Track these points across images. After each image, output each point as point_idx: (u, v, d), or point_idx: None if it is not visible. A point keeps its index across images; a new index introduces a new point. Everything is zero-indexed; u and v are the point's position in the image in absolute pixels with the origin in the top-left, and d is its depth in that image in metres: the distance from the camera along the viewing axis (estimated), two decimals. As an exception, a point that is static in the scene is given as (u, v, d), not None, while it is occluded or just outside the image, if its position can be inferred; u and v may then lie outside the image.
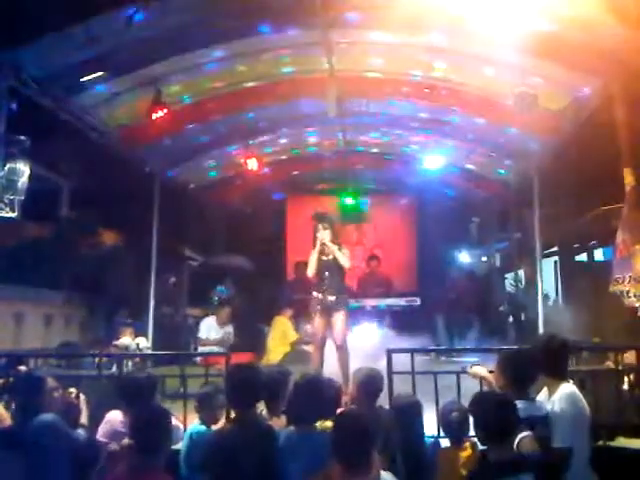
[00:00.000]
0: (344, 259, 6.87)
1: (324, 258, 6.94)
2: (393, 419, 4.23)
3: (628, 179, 6.61)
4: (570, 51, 6.22)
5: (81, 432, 4.54)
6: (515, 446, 3.51)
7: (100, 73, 6.44)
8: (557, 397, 3.92)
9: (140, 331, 8.88)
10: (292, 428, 3.98)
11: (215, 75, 7.57)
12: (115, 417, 4.55)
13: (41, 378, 4.63)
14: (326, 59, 7.22)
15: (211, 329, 9.46)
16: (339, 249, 6.91)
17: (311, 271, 6.98)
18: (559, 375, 4.06)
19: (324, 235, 6.90)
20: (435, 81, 7.72)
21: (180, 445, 4.49)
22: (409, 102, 8.42)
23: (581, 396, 4.01)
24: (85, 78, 6.46)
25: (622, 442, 5.06)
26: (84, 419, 4.75)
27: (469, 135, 9.16)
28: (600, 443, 4.81)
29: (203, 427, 4.48)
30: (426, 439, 4.39)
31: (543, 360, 4.15)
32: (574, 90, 7.12)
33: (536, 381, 4.34)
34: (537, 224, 8.75)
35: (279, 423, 4.36)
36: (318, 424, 4.00)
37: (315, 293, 6.96)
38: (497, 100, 7.61)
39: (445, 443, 4.47)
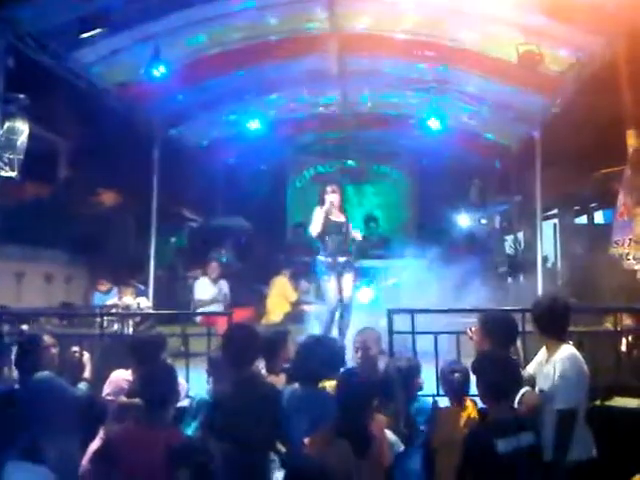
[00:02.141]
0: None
1: (331, 219, 6.94)
2: (395, 381, 4.31)
3: (631, 141, 6.59)
4: (574, 10, 6.12)
5: (82, 387, 4.61)
6: (517, 401, 3.57)
7: (99, 30, 6.32)
8: (558, 358, 3.94)
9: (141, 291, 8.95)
10: (297, 386, 4.03)
11: (215, 33, 7.45)
12: (119, 376, 4.60)
13: (37, 336, 4.67)
14: (328, 16, 7.11)
15: (205, 288, 9.51)
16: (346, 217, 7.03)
17: (315, 230, 6.97)
18: (560, 336, 4.08)
19: (334, 198, 6.92)
20: (438, 39, 7.61)
21: (185, 402, 4.56)
22: (411, 61, 8.30)
23: (581, 357, 4.05)
24: (84, 35, 6.34)
25: (618, 402, 5.14)
26: (87, 375, 4.82)
27: (471, 95, 9.07)
28: (597, 403, 4.89)
29: (207, 396, 4.49)
30: (424, 400, 4.45)
31: (545, 321, 4.18)
32: (577, 50, 7.03)
33: (515, 342, 4.42)
34: (538, 186, 8.72)
35: (277, 381, 4.43)
36: (323, 383, 4.07)
37: (323, 256, 6.96)
38: (500, 59, 7.51)
39: (444, 402, 4.54)
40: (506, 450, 3.20)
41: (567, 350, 3.99)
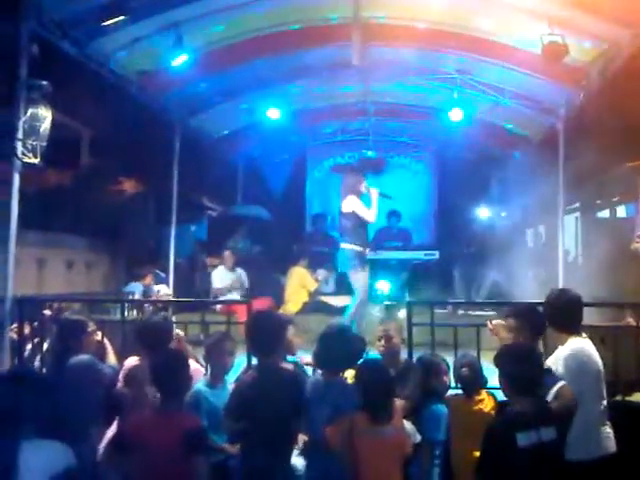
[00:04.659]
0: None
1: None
2: (419, 374, 4.33)
3: (657, 134, 6.48)
4: (600, 1, 6.04)
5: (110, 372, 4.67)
6: (554, 396, 3.55)
7: (121, 17, 6.33)
8: (563, 351, 3.94)
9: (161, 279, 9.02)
10: (319, 376, 4.05)
11: (237, 21, 7.42)
12: (131, 363, 4.64)
13: (84, 322, 4.75)
14: (351, 5, 7.07)
15: (223, 277, 9.58)
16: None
17: (375, 217, 7.18)
18: (568, 329, 4.07)
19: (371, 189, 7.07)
20: (461, 30, 7.53)
21: None
22: (434, 51, 8.24)
23: (588, 350, 4.00)
24: (106, 22, 6.36)
25: (639, 397, 5.10)
26: (113, 360, 4.88)
27: (494, 87, 8.98)
28: (618, 398, 4.85)
29: (204, 386, 4.51)
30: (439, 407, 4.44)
31: (553, 314, 4.17)
32: (603, 41, 6.93)
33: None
34: (561, 179, 8.63)
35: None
36: (345, 373, 4.09)
37: (356, 246, 7.02)
38: (524, 50, 7.42)
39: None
40: (526, 444, 3.17)
41: (573, 343, 3.97)
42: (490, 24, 7.31)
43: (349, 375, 4.13)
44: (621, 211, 11.32)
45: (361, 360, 4.02)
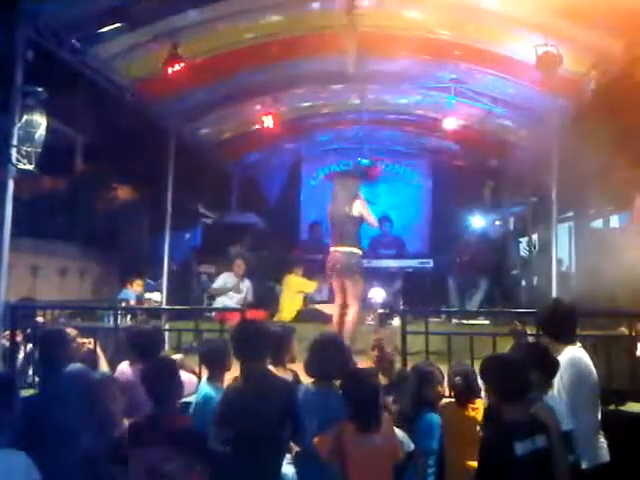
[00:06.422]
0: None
1: None
2: (413, 382, 4.33)
3: (650, 145, 6.53)
4: (594, 12, 6.08)
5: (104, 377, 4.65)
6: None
7: (117, 25, 6.34)
8: (560, 360, 3.94)
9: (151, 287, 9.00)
10: (310, 385, 4.05)
11: (233, 30, 7.45)
12: (123, 369, 4.64)
13: (61, 330, 4.72)
14: (347, 14, 7.10)
15: (227, 282, 9.54)
16: None
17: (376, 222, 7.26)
18: (564, 339, 4.08)
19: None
20: (456, 39, 7.58)
21: (192, 398, 4.56)
22: (428, 60, 8.28)
23: (586, 360, 4.02)
24: (102, 29, 6.37)
25: (632, 407, 5.11)
26: (105, 367, 4.86)
27: (488, 96, 9.03)
28: (611, 407, 4.87)
29: (211, 389, 4.48)
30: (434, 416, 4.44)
31: (548, 324, 4.18)
32: (597, 52, 6.98)
33: None
34: (555, 188, 8.67)
35: (284, 374, 4.45)
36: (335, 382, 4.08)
37: (361, 251, 7.04)
38: (518, 60, 7.47)
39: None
40: (523, 453, 3.16)
41: (569, 353, 3.98)
42: (485, 34, 7.36)
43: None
44: (614, 221, 11.36)
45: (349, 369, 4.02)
